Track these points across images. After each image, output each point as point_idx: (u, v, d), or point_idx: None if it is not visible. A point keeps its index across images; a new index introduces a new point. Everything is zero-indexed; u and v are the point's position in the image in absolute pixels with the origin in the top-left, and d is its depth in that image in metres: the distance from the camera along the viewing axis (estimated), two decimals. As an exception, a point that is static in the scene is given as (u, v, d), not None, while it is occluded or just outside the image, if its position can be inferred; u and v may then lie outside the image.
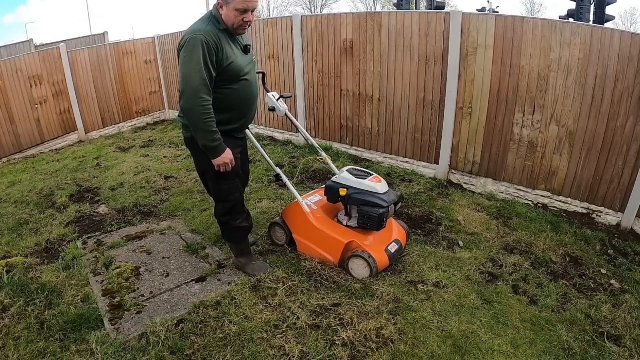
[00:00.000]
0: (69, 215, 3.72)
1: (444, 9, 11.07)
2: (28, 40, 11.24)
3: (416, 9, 13.52)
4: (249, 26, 2.28)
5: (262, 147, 2.91)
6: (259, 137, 5.85)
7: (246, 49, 2.37)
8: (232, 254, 2.79)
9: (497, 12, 11.01)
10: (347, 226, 2.69)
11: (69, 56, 6.34)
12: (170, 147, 5.93)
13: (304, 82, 5.17)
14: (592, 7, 9.62)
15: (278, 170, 2.80)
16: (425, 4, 12.97)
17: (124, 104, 7.25)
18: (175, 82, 7.47)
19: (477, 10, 12.94)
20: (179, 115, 2.42)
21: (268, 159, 2.84)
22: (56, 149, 6.35)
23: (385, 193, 2.56)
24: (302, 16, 5.04)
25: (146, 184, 4.41)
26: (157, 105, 7.80)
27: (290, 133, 5.62)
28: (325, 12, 33.12)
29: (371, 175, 2.67)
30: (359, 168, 2.79)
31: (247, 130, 2.69)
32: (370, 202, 2.51)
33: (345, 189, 2.60)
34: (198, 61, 2.09)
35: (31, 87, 6.02)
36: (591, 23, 8.98)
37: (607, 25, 9.05)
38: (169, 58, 7.41)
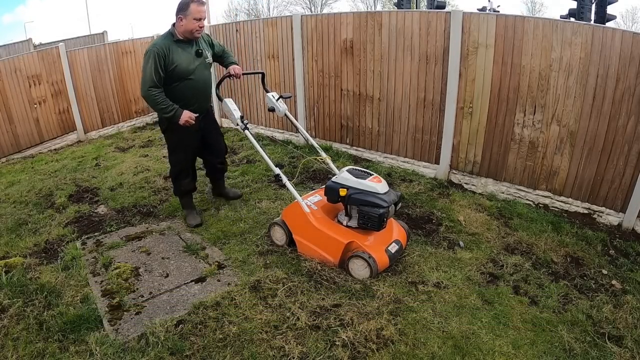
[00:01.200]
0: (68, 216, 3.70)
1: (444, 8, 11.05)
2: (27, 40, 11.22)
3: (417, 8, 13.51)
4: (202, 30, 3.05)
5: (261, 147, 2.93)
6: (259, 137, 5.84)
7: (197, 53, 3.12)
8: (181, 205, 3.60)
9: (498, 12, 10.99)
10: (347, 226, 2.69)
11: (68, 56, 6.32)
12: (169, 146, 5.91)
13: (304, 81, 5.16)
14: (593, 7, 9.60)
15: (277, 170, 2.84)
16: (425, 4, 12.97)
17: (123, 104, 7.23)
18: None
19: (478, 9, 12.94)
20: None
21: (267, 159, 2.87)
22: (55, 149, 6.33)
23: (385, 193, 2.56)
24: (302, 15, 5.03)
25: (145, 184, 4.40)
26: (157, 104, 7.77)
27: (290, 133, 5.61)
28: (325, 11, 33.11)
29: (371, 175, 2.67)
30: (359, 168, 2.79)
31: (246, 131, 2.99)
32: (370, 202, 2.51)
33: (345, 189, 2.60)
34: (150, 66, 2.91)
35: (30, 86, 6.00)
36: (592, 22, 8.97)
37: (608, 24, 9.04)
38: (168, 57, 7.39)
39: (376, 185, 2.57)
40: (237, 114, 3.03)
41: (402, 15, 4.10)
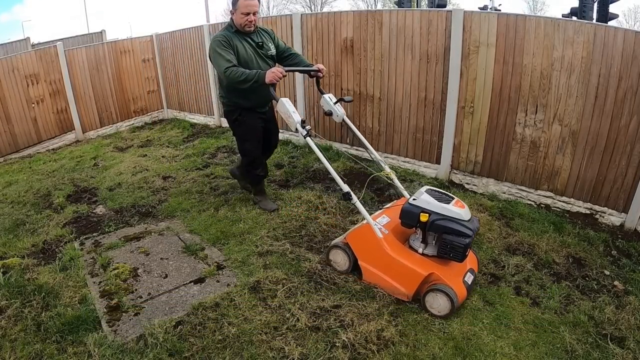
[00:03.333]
0: (66, 216, 3.68)
1: (445, 7, 11.03)
2: (25, 39, 11.19)
3: (417, 7, 13.48)
4: (254, 25, 3.11)
5: (326, 158, 2.64)
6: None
7: (258, 45, 3.16)
8: (253, 193, 3.72)
9: (499, 10, 10.98)
10: (422, 254, 2.40)
11: (66, 55, 6.30)
12: (168, 146, 5.89)
13: (304, 81, 5.14)
14: (595, 5, 9.57)
15: (346, 187, 2.53)
16: (426, 2, 12.94)
17: (122, 103, 7.21)
18: (173, 81, 7.45)
19: (479, 8, 12.90)
20: (221, 96, 3.41)
21: (335, 174, 2.58)
22: (53, 149, 6.30)
23: (469, 220, 2.30)
24: (301, 14, 5.01)
25: (144, 184, 4.38)
26: (155, 104, 7.76)
27: (290, 132, 5.58)
28: (325, 10, 33.05)
29: (453, 199, 2.39)
30: (438, 190, 2.49)
31: (308, 139, 2.68)
32: (455, 230, 2.23)
33: (427, 215, 2.30)
34: (219, 52, 2.98)
35: (28, 86, 5.98)
36: (594, 21, 8.95)
37: (610, 23, 9.01)
38: (167, 57, 7.37)
39: (460, 211, 2.30)
40: (297, 117, 2.70)
41: (402, 14, 4.08)
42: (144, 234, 3.29)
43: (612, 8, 9.77)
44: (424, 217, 2.30)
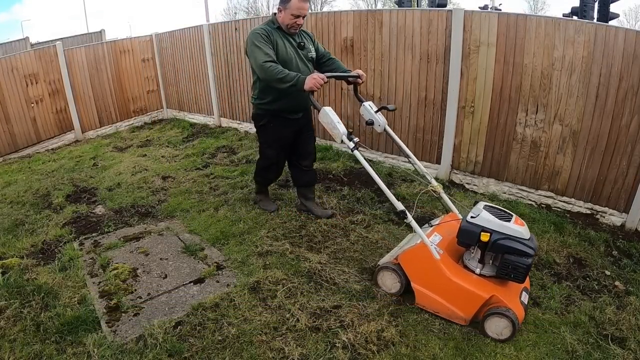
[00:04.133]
0: (65, 216, 3.67)
1: (445, 6, 11.01)
2: (24, 38, 11.18)
3: (417, 6, 13.48)
4: (299, 27, 2.95)
5: (376, 173, 2.44)
6: (254, 137, 5.80)
7: (300, 45, 3.00)
8: (255, 191, 3.68)
9: (500, 10, 10.97)
10: (480, 275, 2.26)
11: (65, 54, 6.28)
12: (168, 146, 5.89)
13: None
14: (596, 5, 9.55)
15: (401, 205, 2.35)
16: (426, 2, 12.92)
17: (121, 103, 7.20)
18: (172, 80, 7.43)
19: (480, 7, 12.86)
20: (252, 97, 3.17)
21: (387, 191, 2.37)
22: (52, 149, 6.29)
23: (529, 239, 2.20)
24: (301, 14, 4.99)
25: (144, 184, 4.37)
26: (155, 104, 7.75)
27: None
28: (325, 9, 33.02)
29: (512, 216, 2.27)
30: (495, 206, 2.36)
31: (356, 152, 2.46)
32: (518, 250, 2.11)
33: (488, 234, 2.16)
34: (258, 45, 2.78)
35: (27, 85, 5.97)
36: (595, 21, 8.93)
37: (611, 22, 9.00)
38: (166, 56, 7.36)
39: (521, 229, 2.18)
40: (342, 128, 2.50)
41: (402, 14, 4.07)
42: (144, 234, 3.28)
43: (613, 7, 9.73)
44: (484, 237, 2.16)
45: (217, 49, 6.24)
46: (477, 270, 2.25)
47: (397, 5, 12.37)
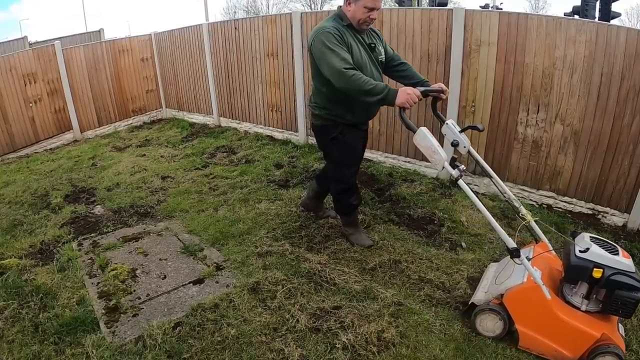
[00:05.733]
0: (63, 216, 3.65)
1: (446, 5, 11.00)
2: (22, 38, 11.15)
3: (418, 5, 13.48)
4: (372, 23, 2.52)
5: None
6: (258, 137, 5.80)
7: (370, 47, 2.58)
8: (341, 224, 3.10)
9: (501, 9, 10.96)
10: (585, 311, 2.12)
11: (63, 54, 6.26)
12: (167, 146, 5.87)
13: (304, 80, 5.11)
14: (598, 4, 9.53)
15: (513, 243, 2.13)
16: (427, 1, 12.92)
17: (120, 103, 7.18)
18: (172, 80, 7.41)
19: (480, 7, 12.86)
20: (309, 104, 2.79)
21: (497, 227, 2.15)
22: (51, 149, 6.27)
23: (636, 272, 2.09)
24: (301, 13, 4.98)
25: (143, 184, 4.35)
26: (154, 103, 7.73)
27: (290, 132, 5.56)
28: (325, 8, 32.98)
29: (618, 248, 2.14)
30: (599, 237, 2.22)
31: (461, 182, 2.19)
32: (629, 285, 2.00)
33: (601, 270, 2.03)
34: (331, 47, 2.37)
35: (25, 85, 5.95)
36: (597, 20, 8.93)
37: (613, 22, 8.99)
38: (165, 56, 7.34)
39: (630, 262, 2.07)
40: (443, 154, 2.21)
41: (403, 13, 4.06)
42: (143, 235, 3.27)
43: (615, 6, 9.73)
44: (597, 273, 2.02)
45: (217, 48, 6.23)
46: (583, 307, 2.10)
47: (397, 5, 12.36)
